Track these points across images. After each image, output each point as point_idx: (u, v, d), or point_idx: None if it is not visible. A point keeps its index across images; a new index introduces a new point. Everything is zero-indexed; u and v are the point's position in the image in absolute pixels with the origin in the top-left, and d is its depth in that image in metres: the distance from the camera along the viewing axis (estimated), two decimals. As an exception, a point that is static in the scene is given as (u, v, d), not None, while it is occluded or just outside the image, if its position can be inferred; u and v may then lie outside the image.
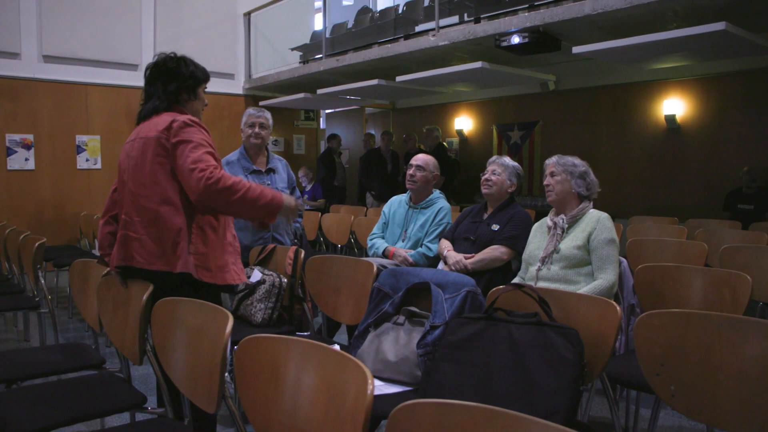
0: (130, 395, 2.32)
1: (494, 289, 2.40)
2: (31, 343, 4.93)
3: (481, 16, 6.33)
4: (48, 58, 8.32)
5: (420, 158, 4.04)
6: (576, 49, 5.59)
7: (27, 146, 8.25)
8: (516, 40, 5.77)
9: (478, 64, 6.38)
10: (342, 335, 3.87)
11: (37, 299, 4.15)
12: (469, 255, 3.53)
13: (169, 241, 2.35)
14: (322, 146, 11.45)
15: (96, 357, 2.80)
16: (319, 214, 6.69)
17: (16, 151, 8.19)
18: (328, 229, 6.42)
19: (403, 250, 3.85)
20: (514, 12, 5.95)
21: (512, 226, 3.54)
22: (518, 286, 2.36)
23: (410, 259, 3.78)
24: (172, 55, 2.57)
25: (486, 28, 6.07)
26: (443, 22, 6.79)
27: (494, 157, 3.81)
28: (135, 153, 2.46)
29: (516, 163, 3.76)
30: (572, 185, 3.10)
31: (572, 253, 2.99)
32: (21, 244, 4.34)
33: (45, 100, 8.34)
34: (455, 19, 7.04)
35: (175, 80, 2.53)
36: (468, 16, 6.82)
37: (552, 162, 3.21)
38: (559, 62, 7.54)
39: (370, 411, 1.26)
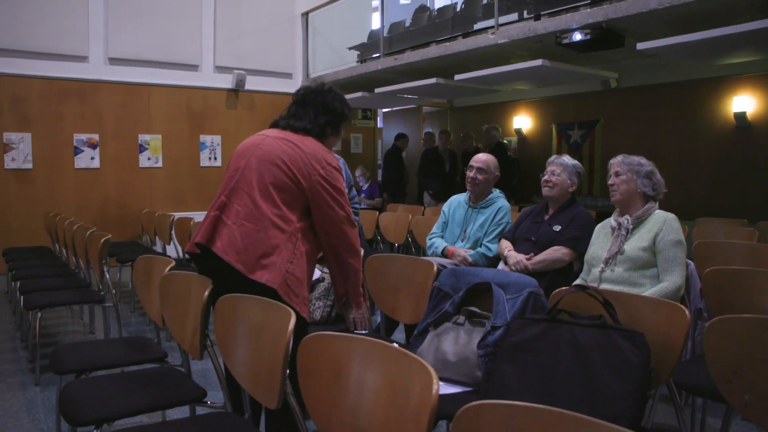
0: (190, 389, 2.37)
1: (557, 290, 2.35)
2: (96, 336, 5.10)
3: (542, 12, 6.22)
4: (113, 61, 8.61)
5: (481, 160, 3.99)
6: (640, 45, 5.44)
7: (93, 145, 8.55)
8: (578, 37, 5.65)
9: (538, 62, 6.28)
10: (399, 334, 3.87)
11: (102, 293, 4.28)
12: (530, 256, 3.47)
13: (258, 249, 2.31)
14: (379, 145, 11.48)
15: (158, 351, 2.87)
16: (377, 213, 6.70)
17: (82, 151, 8.49)
18: (386, 228, 6.42)
19: (462, 249, 3.82)
20: (576, 8, 5.83)
21: (574, 227, 3.47)
22: (582, 287, 2.31)
23: (469, 259, 3.74)
24: (328, 87, 2.64)
25: (546, 25, 5.97)
26: (502, 19, 6.71)
27: (553, 157, 3.74)
28: (271, 150, 2.45)
29: (576, 162, 3.68)
30: (638, 185, 3.02)
31: (637, 255, 2.91)
32: (87, 240, 4.48)
33: (110, 101, 8.63)
34: (514, 16, 6.95)
35: (326, 114, 2.58)
36: (527, 14, 6.72)
37: (617, 161, 3.12)
38: (622, 59, 7.35)
39: (435, 411, 1.24)
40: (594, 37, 5.61)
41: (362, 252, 2.56)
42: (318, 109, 2.57)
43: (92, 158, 8.54)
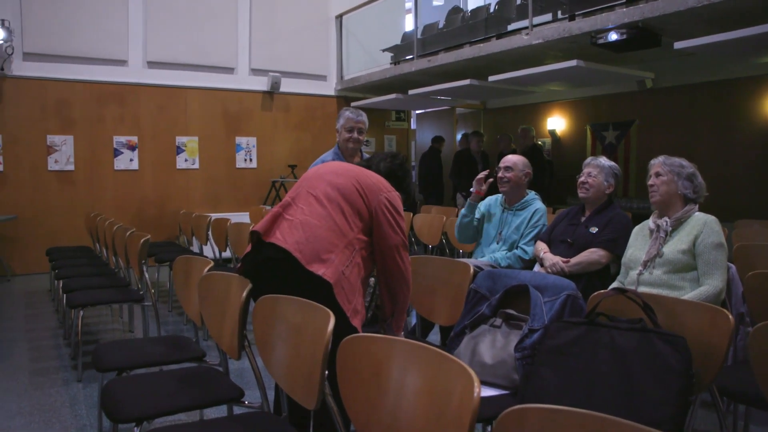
0: (228, 388, 2.39)
1: (596, 293, 2.33)
2: (135, 334, 5.20)
3: (576, 13, 6.17)
4: (152, 64, 8.79)
5: (508, 159, 3.99)
6: (678, 45, 5.37)
7: (132, 147, 8.72)
8: (613, 36, 5.60)
9: (572, 63, 6.23)
10: (434, 336, 3.87)
11: (141, 293, 4.36)
12: (566, 258, 3.45)
13: (318, 243, 2.34)
14: (413, 147, 11.49)
15: (197, 350, 2.91)
16: (411, 214, 6.71)
17: (122, 152, 8.67)
18: (420, 230, 6.42)
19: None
20: (611, 8, 5.77)
21: (611, 229, 3.43)
22: (621, 290, 2.29)
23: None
24: (402, 156, 2.85)
25: (581, 25, 5.92)
26: (536, 20, 6.68)
27: (589, 159, 3.70)
28: (343, 167, 2.60)
29: (613, 163, 3.64)
30: (679, 186, 2.98)
31: (677, 258, 2.87)
32: (127, 240, 4.57)
33: (148, 104, 8.81)
34: (548, 17, 6.92)
35: (390, 174, 2.71)
36: (562, 14, 6.69)
37: (658, 162, 3.08)
38: (658, 59, 7.26)
39: (477, 415, 1.25)
40: (630, 37, 5.55)
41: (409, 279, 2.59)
42: (384, 163, 2.74)
43: (131, 160, 8.72)
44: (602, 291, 2.34)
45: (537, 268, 3.60)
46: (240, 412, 2.36)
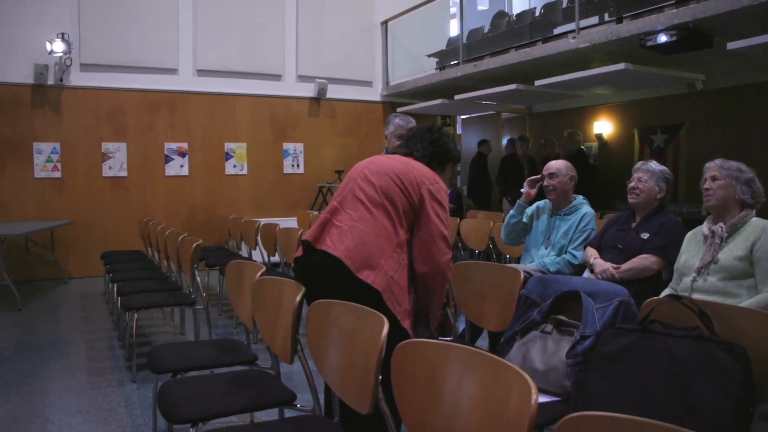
0: (281, 392, 2.43)
1: (649, 299, 2.30)
2: (186, 337, 5.31)
3: (624, 15, 6.09)
4: (201, 72, 8.99)
5: (551, 165, 3.97)
6: (731, 45, 5.25)
7: (182, 154, 8.92)
8: (663, 38, 5.50)
9: (620, 66, 6.15)
10: (482, 341, 3.86)
11: (193, 296, 4.46)
12: (617, 264, 3.41)
13: (367, 249, 2.38)
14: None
15: (249, 353, 2.96)
16: (458, 219, 6.70)
17: (173, 159, 8.87)
18: (467, 235, 6.41)
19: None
20: (660, 9, 5.68)
21: (663, 235, 3.38)
22: (676, 297, 2.25)
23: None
24: (437, 128, 2.81)
25: (629, 27, 5.84)
26: (582, 23, 6.61)
27: (640, 163, 3.65)
28: (383, 165, 2.59)
29: (664, 167, 3.58)
30: (736, 191, 2.91)
31: (733, 264, 2.81)
32: (179, 245, 4.67)
33: (198, 111, 9.01)
34: (595, 19, 6.84)
35: (432, 146, 2.73)
36: (609, 16, 6.60)
37: (714, 165, 3.01)
38: (709, 59, 7.09)
39: (534, 421, 1.25)
40: (680, 38, 5.45)
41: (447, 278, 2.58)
42: (424, 142, 2.73)
43: (181, 166, 8.93)
44: (656, 297, 2.31)
45: (587, 274, 3.56)
46: (291, 416, 2.39)
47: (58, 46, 7.81)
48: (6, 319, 6.09)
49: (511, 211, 4.08)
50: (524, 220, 4.06)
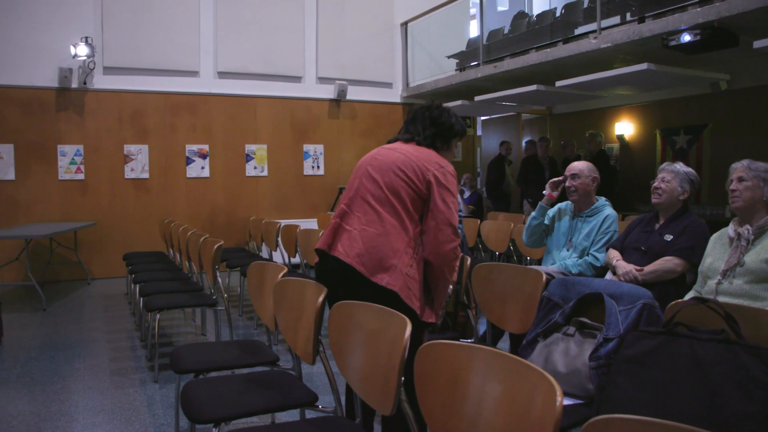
0: (303, 393, 2.43)
1: (674, 302, 2.28)
2: (207, 338, 5.34)
3: (646, 15, 6.03)
4: (222, 74, 9.05)
5: (574, 166, 3.93)
6: (757, 44, 5.18)
7: (203, 156, 8.99)
8: (686, 38, 5.44)
9: (643, 66, 6.10)
10: (503, 343, 3.85)
11: (214, 297, 4.48)
12: (640, 266, 3.38)
13: (379, 252, 2.39)
14: (478, 153, 11.43)
15: (270, 354, 2.97)
16: (478, 221, 6.68)
17: (194, 161, 8.94)
18: (487, 236, 6.39)
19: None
20: (684, 8, 5.61)
21: (687, 237, 3.33)
22: (702, 300, 2.23)
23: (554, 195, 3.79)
24: (436, 104, 2.77)
25: (652, 27, 5.79)
26: (604, 23, 6.56)
27: (665, 164, 3.61)
28: (386, 160, 2.56)
29: (689, 169, 3.54)
30: (764, 192, 2.86)
31: (760, 267, 2.76)
32: (201, 246, 4.70)
33: (219, 113, 9.07)
34: (616, 19, 6.78)
35: (433, 126, 2.69)
36: (631, 16, 6.55)
37: (741, 166, 2.96)
38: (734, 59, 7.00)
39: (559, 423, 1.24)
40: (705, 38, 5.38)
41: (459, 263, 2.57)
42: (425, 122, 2.69)
43: (202, 168, 9.00)
44: (681, 300, 2.29)
45: (609, 276, 3.53)
46: (312, 416, 2.40)
47: (82, 50, 7.91)
48: (31, 318, 6.18)
49: (533, 213, 4.06)
50: (546, 221, 4.04)
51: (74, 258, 8.30)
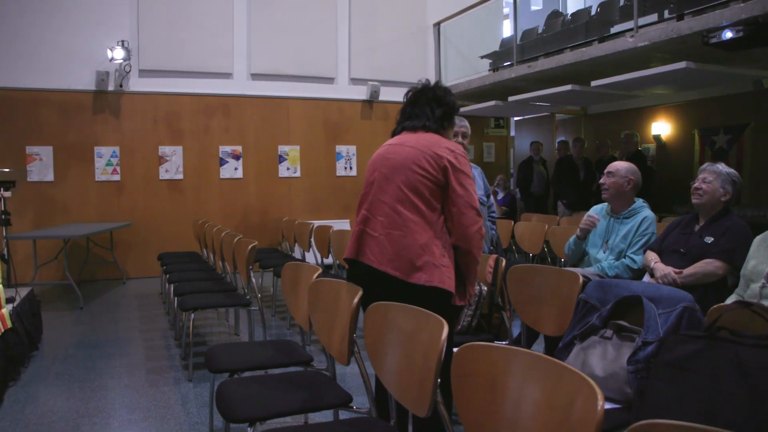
0: (337, 393, 2.43)
1: (716, 306, 2.22)
2: (240, 337, 5.38)
3: (685, 12, 5.91)
4: (255, 76, 9.13)
5: (613, 165, 3.88)
6: (804, 40, 5.03)
7: (236, 157, 9.06)
8: (728, 35, 5.30)
9: (681, 65, 5.98)
10: (538, 346, 3.80)
11: (248, 297, 4.51)
12: (679, 269, 3.30)
13: (409, 253, 2.39)
14: (511, 154, 11.35)
15: (304, 354, 2.97)
16: (512, 222, 6.62)
17: (227, 162, 9.02)
18: (521, 238, 6.33)
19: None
20: (725, 4, 5.48)
21: (729, 239, 3.25)
22: (746, 304, 2.17)
23: (596, 218, 3.70)
24: (435, 83, 2.72)
25: (692, 24, 5.66)
26: (641, 21, 6.45)
27: (706, 164, 3.53)
28: (398, 157, 2.53)
29: (732, 170, 3.45)
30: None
31: (806, 270, 2.69)
32: (235, 246, 4.73)
33: (252, 115, 9.14)
34: (653, 17, 6.66)
35: (442, 106, 2.64)
36: (669, 13, 6.42)
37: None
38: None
39: (600, 428, 1.21)
40: (748, 34, 5.23)
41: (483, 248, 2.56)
42: (432, 103, 2.63)
43: (236, 169, 9.08)
44: (723, 304, 2.23)
45: (647, 278, 3.46)
46: (346, 417, 2.39)
47: (119, 54, 8.04)
48: (69, 317, 6.29)
49: (571, 246, 3.98)
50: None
51: (110, 258, 8.44)
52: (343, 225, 8.28)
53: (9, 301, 4.48)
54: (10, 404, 3.77)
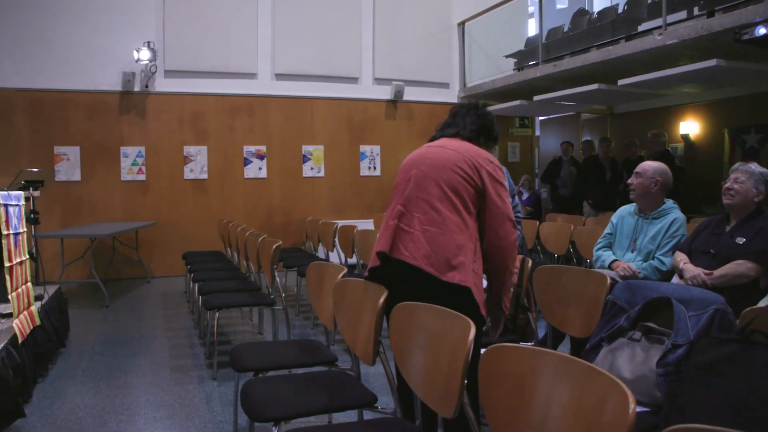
0: (362, 393, 2.42)
1: (750, 308, 2.17)
2: (264, 337, 5.39)
3: (716, 8, 5.80)
4: (279, 76, 9.16)
5: (642, 165, 3.81)
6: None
7: (260, 157, 9.10)
8: (762, 30, 5.18)
9: (711, 62, 5.87)
10: (564, 347, 3.75)
11: (272, 297, 4.51)
12: (709, 270, 3.23)
13: (446, 252, 2.37)
14: (536, 153, 11.26)
15: (329, 354, 2.96)
16: (537, 222, 6.56)
17: (251, 161, 9.06)
18: (546, 238, 6.27)
19: (629, 264, 3.63)
20: (758, 0, 5.37)
21: (761, 240, 3.18)
22: (781, 306, 2.11)
23: (639, 273, 3.55)
24: (481, 104, 2.84)
25: (723, 21, 5.56)
26: (669, 18, 6.35)
27: (738, 164, 3.46)
28: (439, 157, 2.54)
29: (765, 170, 3.37)
30: None
31: (842, 272, 2.62)
32: (259, 246, 4.74)
33: (276, 115, 9.18)
34: (682, 14, 6.56)
35: (478, 121, 2.72)
36: (699, 10, 6.31)
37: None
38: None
39: (632, 432, 1.18)
40: (783, 30, 5.13)
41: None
42: (470, 117, 2.72)
43: (260, 168, 9.12)
44: (757, 306, 2.17)
45: (675, 279, 3.40)
46: (371, 417, 2.37)
47: (145, 54, 8.13)
48: (95, 315, 6.36)
49: (604, 266, 3.90)
50: (608, 230, 3.95)
51: (135, 257, 8.53)
52: (367, 225, 8.26)
53: (37, 298, 4.54)
54: (38, 400, 3.81)
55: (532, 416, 1.48)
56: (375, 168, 9.77)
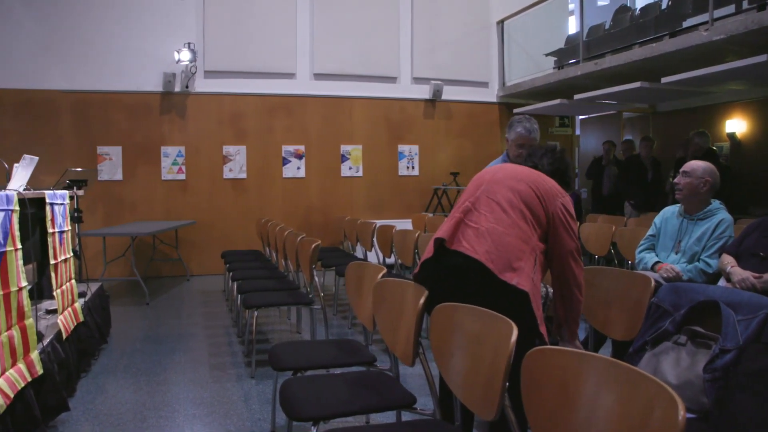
0: (401, 394, 2.39)
1: (803, 313, 2.08)
2: (302, 336, 5.40)
3: (767, 1, 5.62)
4: (318, 76, 9.19)
5: (689, 164, 3.73)
6: None
7: (299, 156, 9.15)
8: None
9: (762, 58, 5.69)
10: (604, 350, 3.67)
11: (310, 296, 4.51)
12: (758, 273, 3.13)
13: (508, 252, 2.35)
14: (576, 153, 11.10)
15: (368, 354, 2.95)
16: (577, 223, 6.46)
17: (290, 161, 9.12)
18: (587, 239, 6.16)
19: (672, 265, 3.54)
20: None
21: (814, 242, 3.07)
22: (837, 311, 2.03)
23: (682, 276, 3.46)
24: (560, 149, 2.87)
25: (775, 14, 5.38)
26: (716, 13, 6.17)
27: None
28: (517, 172, 2.59)
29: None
30: None
31: None
32: (298, 245, 4.75)
33: (314, 114, 9.21)
34: (730, 8, 6.37)
35: (556, 162, 2.78)
36: (748, 4, 6.12)
37: None
38: None
39: (682, 441, 1.13)
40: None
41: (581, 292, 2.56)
42: (548, 157, 2.76)
43: (298, 168, 9.17)
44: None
45: (722, 282, 3.30)
46: (409, 419, 2.34)
47: (185, 55, 8.23)
48: (136, 312, 6.46)
49: (647, 268, 3.82)
50: (652, 232, 3.86)
51: (175, 255, 8.65)
52: (405, 225, 8.23)
53: (81, 295, 4.63)
54: (82, 394, 3.89)
55: (575, 420, 1.45)
56: (413, 168, 9.73)
